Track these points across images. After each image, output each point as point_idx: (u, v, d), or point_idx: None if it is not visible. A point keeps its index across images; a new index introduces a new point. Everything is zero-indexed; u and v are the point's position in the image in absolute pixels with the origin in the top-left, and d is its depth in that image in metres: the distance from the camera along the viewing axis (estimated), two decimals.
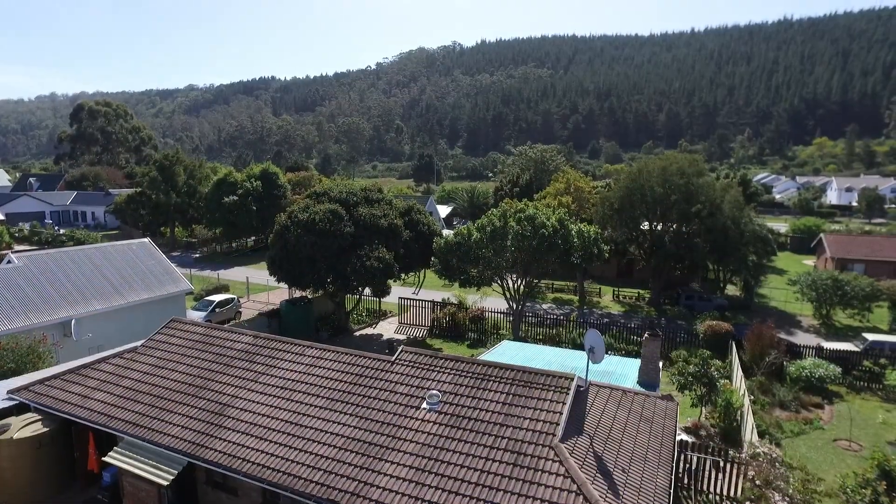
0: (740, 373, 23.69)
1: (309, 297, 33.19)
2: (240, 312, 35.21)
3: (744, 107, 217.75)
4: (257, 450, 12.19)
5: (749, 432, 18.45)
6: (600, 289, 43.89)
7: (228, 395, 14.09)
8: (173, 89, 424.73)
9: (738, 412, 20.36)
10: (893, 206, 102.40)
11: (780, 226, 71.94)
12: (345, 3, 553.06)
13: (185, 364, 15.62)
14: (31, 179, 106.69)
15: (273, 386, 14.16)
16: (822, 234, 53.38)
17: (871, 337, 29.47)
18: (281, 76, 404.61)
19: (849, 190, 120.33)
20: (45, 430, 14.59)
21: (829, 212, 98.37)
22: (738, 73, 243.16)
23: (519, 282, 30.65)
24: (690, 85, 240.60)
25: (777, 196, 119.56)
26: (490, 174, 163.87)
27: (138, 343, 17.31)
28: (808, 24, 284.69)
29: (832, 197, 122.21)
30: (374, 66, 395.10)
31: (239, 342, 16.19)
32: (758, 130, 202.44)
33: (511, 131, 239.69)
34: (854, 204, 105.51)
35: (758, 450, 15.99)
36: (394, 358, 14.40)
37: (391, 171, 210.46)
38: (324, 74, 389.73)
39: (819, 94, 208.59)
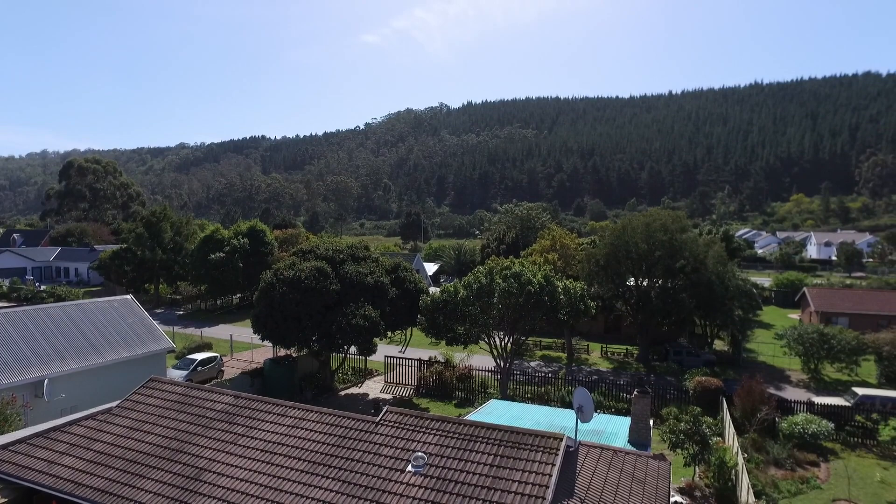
0: (732, 430, 23.31)
1: (293, 355, 32.55)
2: (222, 371, 34.35)
3: (722, 165, 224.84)
4: None
5: (745, 493, 17.96)
6: (588, 345, 43.60)
7: (206, 458, 13.49)
8: (164, 147, 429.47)
9: (733, 471, 19.89)
10: (871, 259, 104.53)
11: (764, 280, 72.86)
12: (335, 66, 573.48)
13: (161, 426, 15.01)
14: (14, 235, 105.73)
15: (253, 448, 13.60)
16: (805, 288, 54.06)
17: (860, 391, 29.36)
18: (271, 135, 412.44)
19: (827, 244, 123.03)
20: (3, 500, 13.76)
21: (811, 266, 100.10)
22: (716, 133, 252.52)
23: (506, 339, 30.40)
24: (670, 144, 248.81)
25: (759, 251, 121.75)
26: (477, 232, 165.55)
27: (113, 404, 16.68)
28: (777, 87, 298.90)
29: (812, 251, 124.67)
30: (362, 126, 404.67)
31: (219, 402, 15.66)
32: (737, 187, 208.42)
33: (497, 189, 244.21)
34: (834, 258, 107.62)
35: None
36: (378, 419, 13.99)
37: (379, 229, 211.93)
38: (313, 134, 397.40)
39: (793, 153, 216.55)
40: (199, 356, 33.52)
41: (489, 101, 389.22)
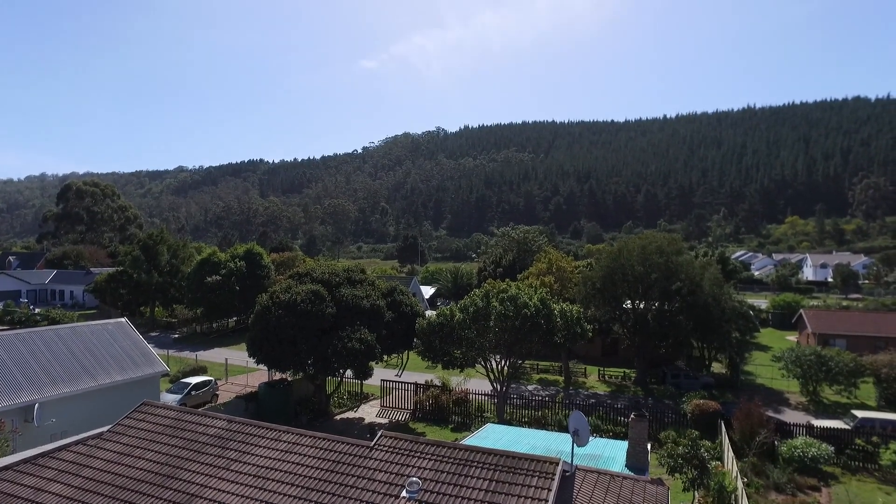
0: (731, 453, 23.09)
1: (289, 379, 32.29)
2: (216, 395, 34.00)
3: (718, 187, 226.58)
4: None
5: None
6: (585, 369, 43.36)
7: (198, 484, 13.27)
8: (163, 170, 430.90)
9: (733, 496, 19.64)
10: (867, 281, 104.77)
11: (761, 302, 72.82)
12: (334, 91, 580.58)
13: (153, 451, 14.79)
14: (10, 258, 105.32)
15: (245, 474, 13.41)
16: (802, 310, 54.03)
17: (860, 414, 29.17)
18: (269, 159, 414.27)
19: (823, 266, 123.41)
20: None
21: (807, 287, 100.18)
22: (710, 156, 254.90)
23: (503, 363, 30.23)
24: (666, 167, 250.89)
25: (756, 273, 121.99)
26: (474, 255, 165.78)
27: (104, 429, 16.47)
28: (769, 111, 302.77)
29: (808, 273, 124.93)
30: (360, 150, 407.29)
31: (212, 427, 15.47)
32: (732, 210, 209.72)
33: (494, 213, 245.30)
34: (830, 280, 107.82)
35: None
36: (373, 443, 13.83)
37: (376, 252, 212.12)
38: (311, 158, 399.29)
39: (787, 176, 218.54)
40: (194, 380, 33.22)
41: (486, 125, 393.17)
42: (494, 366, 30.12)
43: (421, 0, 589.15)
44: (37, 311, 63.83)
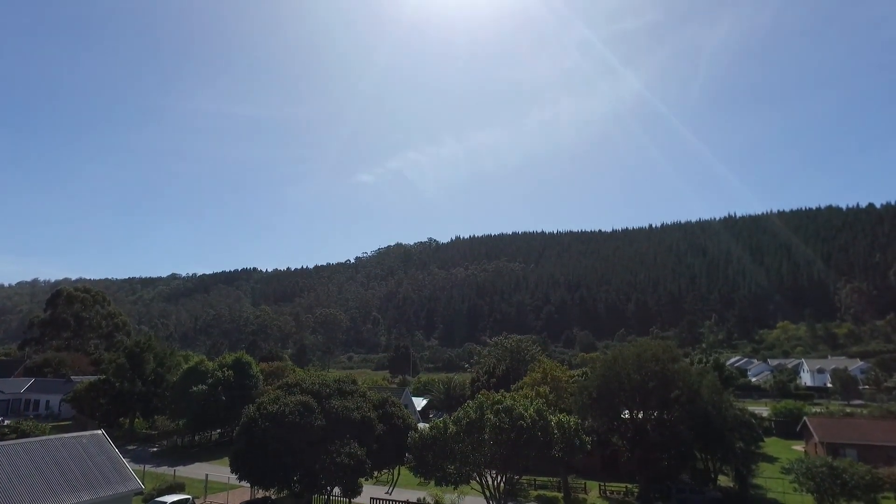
0: None
1: (273, 497, 30.31)
2: None
3: (707, 294, 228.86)
4: None
5: None
6: (585, 484, 41.13)
7: None
8: (156, 277, 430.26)
9: None
10: (867, 387, 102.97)
11: (762, 409, 70.88)
12: (329, 203, 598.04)
13: None
14: None
15: None
16: (806, 418, 52.54)
17: None
18: (262, 267, 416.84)
19: (820, 371, 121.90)
20: None
21: (807, 394, 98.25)
22: (697, 263, 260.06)
23: (499, 478, 28.73)
24: (654, 275, 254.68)
25: (752, 379, 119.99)
26: (467, 365, 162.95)
27: None
28: (749, 220, 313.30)
29: (806, 379, 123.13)
30: (353, 260, 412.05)
31: None
32: (723, 316, 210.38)
33: (486, 322, 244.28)
34: (829, 385, 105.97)
35: None
36: None
37: (367, 363, 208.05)
38: (304, 267, 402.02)
39: (773, 282, 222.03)
40: (169, 499, 31.11)
41: (477, 235, 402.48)
42: (490, 482, 28.57)
43: (417, 120, 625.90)
44: (7, 422, 60.72)
